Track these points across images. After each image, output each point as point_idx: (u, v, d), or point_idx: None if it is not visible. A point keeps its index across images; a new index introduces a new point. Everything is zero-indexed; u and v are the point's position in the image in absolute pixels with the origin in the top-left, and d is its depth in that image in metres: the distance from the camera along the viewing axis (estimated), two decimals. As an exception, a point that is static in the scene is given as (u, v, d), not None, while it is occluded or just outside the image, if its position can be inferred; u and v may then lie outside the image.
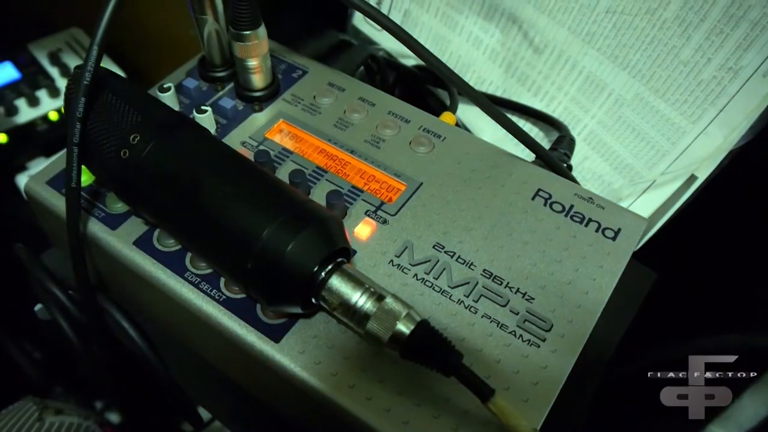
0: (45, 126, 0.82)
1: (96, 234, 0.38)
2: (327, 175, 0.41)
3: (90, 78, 0.34)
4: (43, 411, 0.50)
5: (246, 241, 0.31)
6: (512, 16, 0.52)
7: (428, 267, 0.37)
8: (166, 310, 0.38)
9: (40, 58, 0.88)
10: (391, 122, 0.44)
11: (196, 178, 0.33)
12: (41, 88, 0.85)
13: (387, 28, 0.39)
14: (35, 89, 0.84)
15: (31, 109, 0.83)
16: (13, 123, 0.81)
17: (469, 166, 0.42)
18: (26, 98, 0.83)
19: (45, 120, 0.83)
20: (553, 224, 0.39)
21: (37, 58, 0.88)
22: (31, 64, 0.87)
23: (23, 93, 0.84)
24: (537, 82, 0.53)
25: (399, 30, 0.39)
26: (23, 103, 0.83)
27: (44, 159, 0.83)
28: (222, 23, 0.44)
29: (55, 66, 0.87)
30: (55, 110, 0.83)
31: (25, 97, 0.83)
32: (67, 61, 0.88)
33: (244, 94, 0.44)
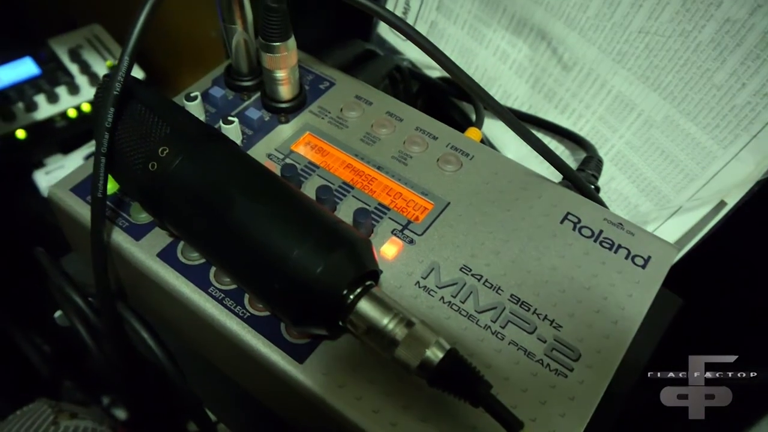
0: (63, 123, 0.82)
1: (119, 244, 0.38)
2: (353, 191, 0.40)
3: (120, 88, 0.34)
4: (57, 414, 0.49)
5: (274, 261, 0.30)
6: (541, 32, 0.52)
7: (455, 290, 0.36)
8: (187, 324, 0.38)
9: (61, 55, 0.88)
10: (418, 138, 0.43)
11: (225, 194, 0.32)
12: (61, 84, 0.85)
13: (413, 39, 0.38)
14: (55, 86, 0.84)
15: (50, 105, 0.83)
16: (32, 119, 0.81)
17: (497, 187, 0.41)
18: (45, 94, 0.83)
19: (64, 117, 0.83)
20: (582, 249, 0.38)
21: (57, 54, 0.88)
22: (51, 60, 0.87)
23: (43, 89, 0.84)
24: (564, 100, 0.53)
25: (425, 41, 0.38)
26: (42, 99, 0.83)
27: (62, 156, 0.83)
28: (251, 33, 0.43)
29: (75, 63, 0.87)
30: (74, 107, 0.83)
31: (45, 93, 0.83)
32: (87, 58, 0.88)
33: (270, 104, 0.44)
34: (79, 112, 0.84)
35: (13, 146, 0.79)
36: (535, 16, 0.51)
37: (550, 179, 0.42)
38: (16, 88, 0.84)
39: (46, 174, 0.79)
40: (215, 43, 0.85)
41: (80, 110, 0.84)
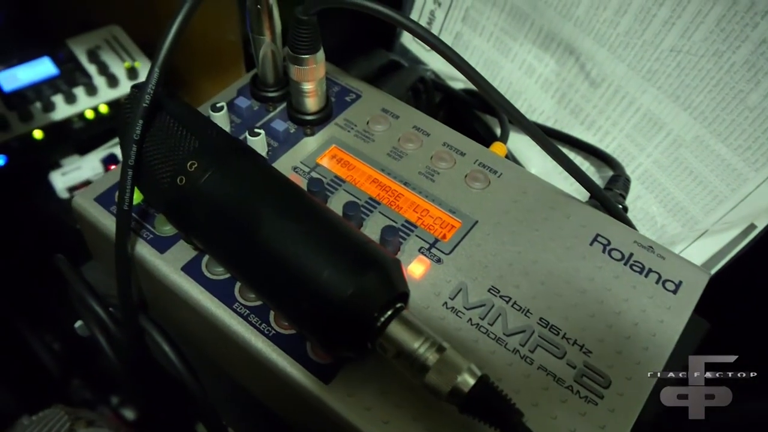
0: (81, 124, 0.82)
1: (143, 256, 0.37)
2: (380, 207, 0.40)
3: (149, 101, 0.33)
4: (74, 422, 0.49)
5: (304, 281, 0.30)
6: (570, 47, 0.51)
7: (483, 312, 0.35)
8: (210, 338, 0.37)
9: (79, 55, 0.88)
10: (446, 154, 0.42)
11: (254, 210, 0.32)
12: (78, 85, 0.84)
13: (439, 51, 0.37)
14: (72, 86, 0.84)
15: (67, 106, 0.82)
16: (49, 119, 0.81)
17: (525, 206, 0.40)
18: (63, 95, 0.82)
19: (81, 118, 0.82)
20: (612, 273, 0.37)
21: (75, 54, 0.88)
22: (69, 60, 0.87)
23: (60, 89, 0.83)
24: (591, 116, 0.52)
25: (452, 53, 0.37)
26: (60, 99, 0.82)
27: (78, 157, 0.82)
28: (278, 44, 0.43)
29: (93, 63, 0.87)
30: (92, 108, 0.83)
31: (63, 93, 0.82)
32: (106, 59, 0.87)
33: (296, 116, 0.43)
34: (97, 114, 0.83)
35: (31, 146, 0.79)
36: (563, 31, 0.51)
37: (578, 198, 0.41)
38: (34, 88, 0.83)
39: (62, 175, 0.79)
40: (234, 46, 0.84)
41: (98, 111, 0.83)
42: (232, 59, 0.85)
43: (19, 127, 0.79)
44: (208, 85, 0.93)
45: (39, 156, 0.80)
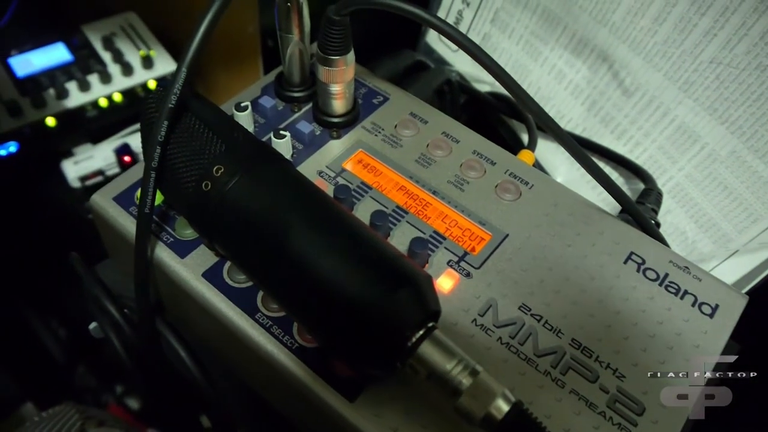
0: (95, 112, 0.81)
1: (163, 260, 0.36)
2: (407, 216, 0.38)
3: (176, 101, 0.32)
4: (85, 421, 0.48)
5: (333, 296, 0.29)
6: (603, 54, 0.50)
7: (513, 330, 0.34)
8: (229, 347, 0.36)
9: (94, 42, 0.86)
10: (476, 163, 0.41)
11: (283, 220, 0.31)
12: (93, 72, 0.83)
13: (469, 52, 0.36)
14: (87, 73, 0.82)
15: (81, 93, 0.81)
16: (62, 107, 0.80)
17: (557, 220, 0.39)
18: (77, 82, 0.81)
19: (95, 106, 0.81)
20: (647, 293, 0.36)
21: (90, 41, 0.86)
22: (84, 46, 0.86)
23: (74, 76, 0.82)
24: (622, 125, 0.50)
25: (482, 54, 0.36)
26: (74, 86, 0.81)
27: (91, 146, 0.81)
28: (306, 43, 0.41)
29: (108, 51, 0.85)
30: (105, 97, 0.82)
31: (76, 80, 0.81)
32: (121, 47, 0.86)
33: (322, 118, 0.42)
34: (111, 102, 0.82)
35: (43, 134, 0.78)
36: (597, 37, 0.49)
37: (610, 212, 0.40)
38: (48, 74, 0.82)
39: (74, 164, 0.78)
40: (251, 38, 0.83)
41: (111, 100, 0.82)
42: (249, 51, 0.84)
43: (32, 114, 0.78)
44: (224, 77, 0.91)
45: (51, 144, 0.79)
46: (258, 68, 0.85)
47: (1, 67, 0.81)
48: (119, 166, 0.78)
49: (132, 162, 0.78)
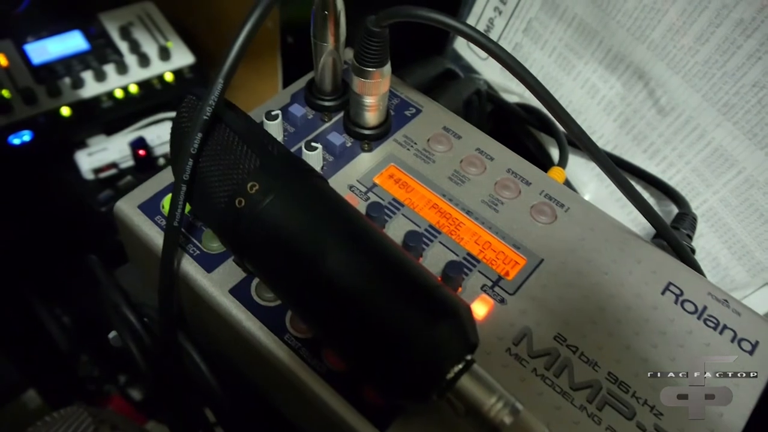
0: (110, 103, 0.79)
1: (189, 274, 0.35)
2: (440, 236, 0.37)
3: (210, 113, 0.31)
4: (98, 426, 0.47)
5: (370, 324, 0.28)
6: (639, 71, 0.48)
7: (548, 361, 0.33)
8: (254, 365, 0.35)
9: (111, 31, 0.85)
10: (511, 182, 0.40)
11: (319, 243, 0.30)
12: (109, 62, 0.82)
13: (502, 62, 0.34)
14: (103, 63, 0.81)
15: (97, 83, 0.80)
16: (77, 96, 0.78)
17: (593, 245, 0.38)
18: (93, 71, 0.80)
19: (110, 97, 0.80)
20: (685, 327, 0.35)
21: (107, 30, 0.85)
22: (100, 35, 0.84)
23: (90, 66, 0.81)
24: (655, 145, 0.49)
25: (516, 64, 0.35)
26: (90, 76, 0.80)
27: (105, 137, 0.80)
28: (341, 52, 0.40)
29: (125, 41, 0.84)
30: (121, 88, 0.80)
31: (92, 70, 0.80)
32: (138, 37, 0.85)
33: (353, 129, 0.41)
34: (126, 94, 0.81)
35: (57, 123, 0.76)
36: (634, 53, 0.48)
37: (645, 238, 0.39)
38: (64, 62, 0.81)
39: (88, 155, 0.76)
40: (270, 33, 0.81)
41: (127, 91, 0.81)
42: (267, 46, 0.82)
43: (46, 103, 0.77)
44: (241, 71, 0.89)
45: (65, 134, 0.78)
46: (276, 65, 0.84)
47: (17, 53, 0.80)
48: (134, 160, 0.77)
49: (147, 156, 0.76)
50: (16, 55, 0.80)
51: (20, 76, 0.78)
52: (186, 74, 0.85)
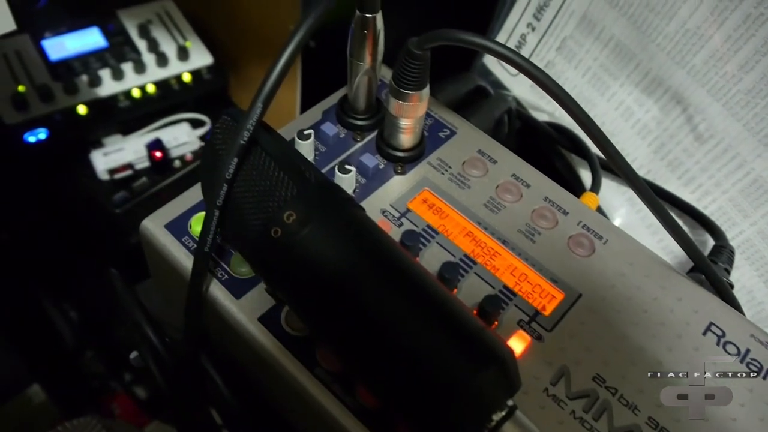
0: (127, 103, 0.78)
1: (217, 299, 0.34)
2: (476, 267, 0.36)
3: (248, 137, 0.30)
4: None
5: (411, 367, 0.27)
6: (677, 96, 0.47)
7: (587, 403, 0.32)
8: (281, 394, 0.34)
9: (129, 29, 0.84)
10: (548, 212, 0.39)
11: (359, 278, 0.28)
12: (127, 61, 0.80)
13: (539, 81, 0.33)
14: (121, 61, 0.80)
15: (114, 82, 0.79)
16: (94, 95, 0.77)
17: (633, 281, 0.37)
18: (111, 70, 0.78)
19: (127, 96, 0.79)
20: (728, 370, 0.34)
21: (126, 27, 0.84)
22: (119, 33, 0.83)
23: (108, 64, 0.80)
24: (691, 172, 0.48)
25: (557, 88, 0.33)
26: (107, 74, 0.79)
27: (121, 137, 0.79)
28: (377, 71, 0.39)
29: (144, 39, 0.83)
30: (139, 87, 0.79)
31: (110, 68, 0.79)
32: (156, 36, 0.84)
33: (386, 151, 0.40)
34: (144, 93, 0.80)
35: (74, 122, 0.75)
36: (673, 78, 0.47)
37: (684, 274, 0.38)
38: (81, 59, 0.80)
39: (104, 155, 0.75)
40: (291, 36, 0.80)
41: (145, 91, 0.80)
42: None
43: (63, 100, 0.76)
44: (258, 73, 0.89)
45: (81, 133, 0.77)
46: (296, 69, 0.82)
47: (35, 49, 0.79)
48: (149, 161, 0.76)
49: (163, 158, 0.75)
50: (34, 51, 0.78)
51: (37, 73, 0.77)
52: (204, 75, 0.84)
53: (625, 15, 0.48)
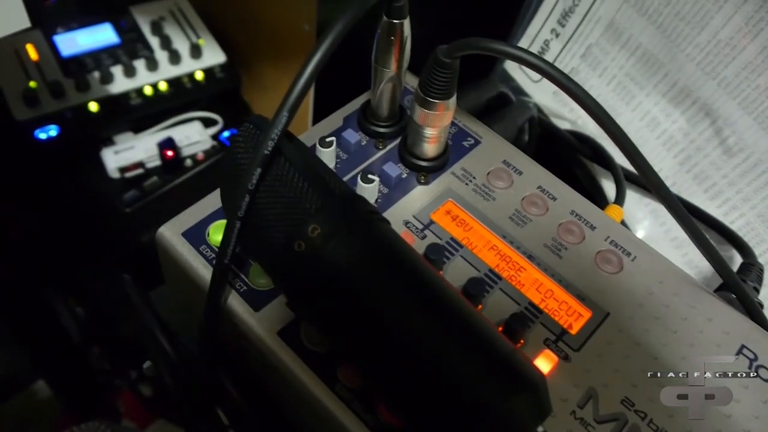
0: (139, 100, 0.78)
1: (235, 311, 0.33)
2: (501, 282, 0.35)
3: (272, 147, 0.29)
4: (120, 445, 0.45)
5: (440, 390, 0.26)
6: (706, 108, 0.46)
7: (615, 428, 0.31)
8: (299, 409, 0.33)
9: (142, 25, 0.83)
10: (575, 226, 0.38)
11: (385, 296, 0.28)
12: (139, 58, 0.80)
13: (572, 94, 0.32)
14: (133, 58, 0.79)
15: (126, 79, 0.78)
16: (106, 92, 0.76)
17: (662, 300, 0.36)
18: (123, 66, 0.78)
19: (139, 94, 0.78)
20: (761, 396, 0.33)
21: (138, 24, 0.83)
22: (131, 30, 0.82)
23: (120, 60, 0.79)
24: (718, 186, 0.47)
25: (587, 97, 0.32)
26: (119, 71, 0.78)
27: (132, 135, 0.78)
28: (402, 78, 0.38)
29: (156, 36, 0.82)
30: (151, 85, 0.78)
31: (122, 65, 0.78)
32: (169, 33, 0.83)
33: (409, 160, 0.39)
34: (156, 91, 0.79)
35: (85, 119, 0.74)
36: (703, 89, 0.45)
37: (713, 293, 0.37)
38: (93, 55, 0.79)
39: (114, 153, 0.75)
40: (307, 37, 0.79)
41: (157, 89, 0.79)
42: (302, 50, 0.80)
43: (74, 97, 0.75)
44: (271, 72, 0.88)
45: (92, 130, 0.76)
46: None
47: (47, 44, 0.78)
48: (161, 160, 0.75)
49: (175, 157, 0.74)
50: (46, 46, 0.78)
51: (49, 69, 0.76)
52: (217, 73, 0.83)
53: (654, 23, 0.47)
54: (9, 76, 0.73)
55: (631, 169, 0.51)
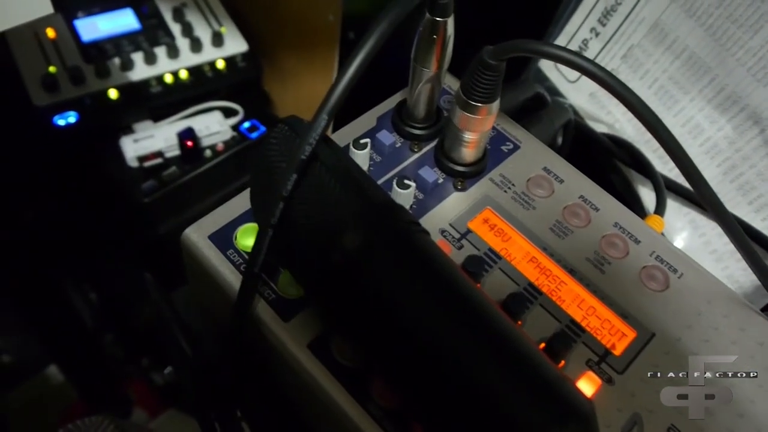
0: (159, 88, 0.76)
1: (264, 321, 0.32)
2: (541, 298, 0.33)
3: (310, 153, 0.27)
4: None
5: (485, 417, 0.24)
6: (755, 116, 0.44)
7: (661, 457, 0.29)
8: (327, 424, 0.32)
9: (164, 11, 0.81)
10: (618, 239, 0.36)
11: (425, 313, 0.26)
12: (160, 45, 0.78)
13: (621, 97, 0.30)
14: (154, 45, 0.77)
15: (147, 66, 0.76)
16: (126, 79, 0.75)
17: (710, 321, 0.34)
18: (144, 53, 0.76)
19: (159, 82, 0.76)
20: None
21: (160, 10, 0.81)
22: (153, 15, 0.80)
23: (141, 47, 0.77)
24: (764, 198, 0.45)
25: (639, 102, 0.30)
26: (140, 58, 0.76)
27: (151, 123, 0.76)
28: (442, 78, 0.36)
29: (178, 23, 0.80)
30: (171, 73, 0.77)
31: (143, 51, 0.76)
32: (191, 20, 0.81)
33: (446, 164, 0.37)
34: (176, 79, 0.77)
35: (104, 106, 0.73)
36: (752, 95, 0.43)
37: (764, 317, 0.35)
38: (114, 41, 0.77)
39: (134, 142, 0.73)
40: (331, 27, 0.77)
41: (177, 77, 0.77)
42: (326, 41, 0.78)
43: (94, 83, 0.73)
44: (294, 63, 0.86)
45: (111, 117, 0.75)
46: (333, 60, 0.79)
47: (67, 29, 0.76)
48: (180, 150, 0.73)
49: (194, 147, 0.73)
50: (66, 31, 0.76)
51: (68, 54, 0.74)
52: (239, 63, 0.81)
53: (703, 26, 0.45)
54: (28, 60, 0.72)
55: (669, 175, 0.49)
